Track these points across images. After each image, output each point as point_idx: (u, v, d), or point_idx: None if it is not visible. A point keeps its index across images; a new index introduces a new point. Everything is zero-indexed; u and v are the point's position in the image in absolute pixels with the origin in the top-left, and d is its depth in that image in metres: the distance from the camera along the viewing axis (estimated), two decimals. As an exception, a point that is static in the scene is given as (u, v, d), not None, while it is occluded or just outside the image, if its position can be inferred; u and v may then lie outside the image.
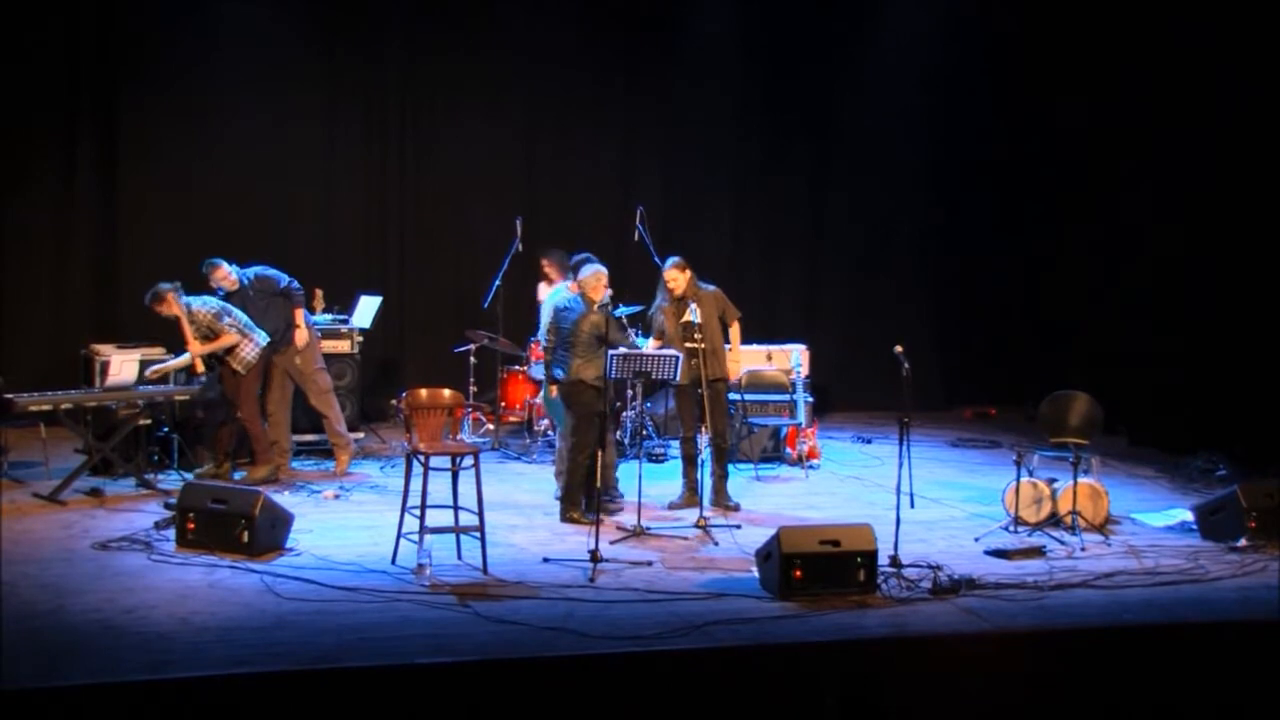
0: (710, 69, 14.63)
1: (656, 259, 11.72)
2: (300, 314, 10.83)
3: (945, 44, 14.79)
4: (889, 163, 15.01)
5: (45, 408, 9.75)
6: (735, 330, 10.19)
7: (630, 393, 11.77)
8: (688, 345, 9.62)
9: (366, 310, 12.16)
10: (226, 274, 10.65)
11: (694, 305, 9.74)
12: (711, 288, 10.09)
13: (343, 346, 11.88)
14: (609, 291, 9.46)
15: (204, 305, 10.29)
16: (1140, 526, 9.68)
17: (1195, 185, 12.36)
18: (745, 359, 11.20)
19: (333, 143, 13.66)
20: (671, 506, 9.93)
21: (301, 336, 10.78)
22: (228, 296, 10.63)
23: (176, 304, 10.29)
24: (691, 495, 9.84)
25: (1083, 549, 8.89)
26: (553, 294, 10.53)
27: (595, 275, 9.58)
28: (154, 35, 12.94)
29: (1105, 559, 8.68)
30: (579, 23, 14.14)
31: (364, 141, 13.81)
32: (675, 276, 9.92)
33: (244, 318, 10.36)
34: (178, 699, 6.06)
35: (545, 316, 10.20)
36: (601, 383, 9.15)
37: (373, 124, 13.82)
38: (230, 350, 10.24)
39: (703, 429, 9.66)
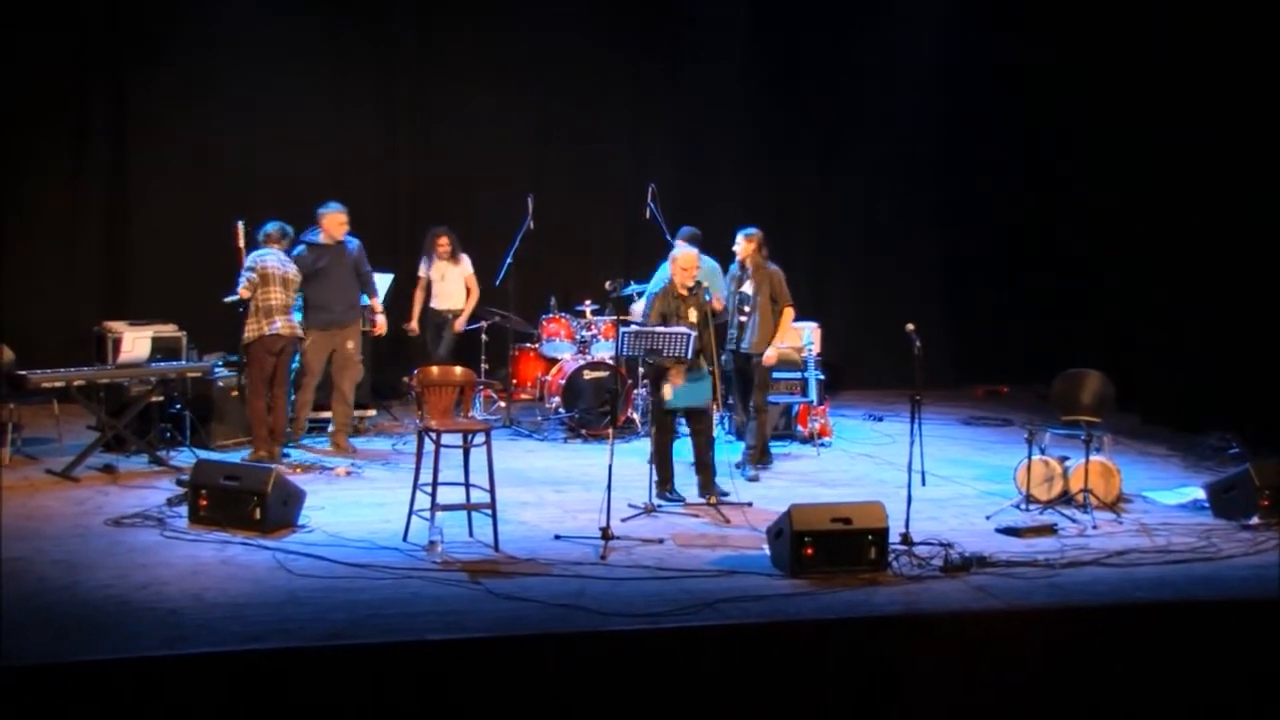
0: (722, 47, 14.57)
1: (668, 235, 11.71)
2: (377, 302, 11.25)
3: (956, 23, 14.71)
4: (901, 140, 14.96)
5: (58, 384, 9.77)
6: (784, 316, 10.35)
7: (641, 370, 11.75)
8: (739, 317, 10.21)
9: (379, 286, 12.14)
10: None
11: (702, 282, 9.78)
12: (774, 268, 10.34)
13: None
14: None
15: (259, 255, 10.28)
16: (1152, 504, 9.67)
17: (1210, 161, 12.29)
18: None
19: (343, 120, 13.64)
20: (738, 465, 10.24)
21: (380, 325, 11.23)
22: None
23: (240, 235, 10.53)
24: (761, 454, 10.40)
25: (1094, 527, 8.88)
26: (660, 269, 10.58)
27: (683, 256, 9.57)
28: (163, 11, 12.91)
29: (1117, 537, 8.67)
30: (590, 0, 14.11)
31: (375, 119, 13.79)
32: (739, 242, 10.36)
33: (275, 303, 10.18)
34: (190, 674, 6.09)
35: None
36: (673, 363, 9.17)
37: (383, 101, 13.80)
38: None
39: (715, 405, 9.65)
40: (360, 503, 9.17)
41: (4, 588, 6.99)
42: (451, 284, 12.22)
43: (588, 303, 12.43)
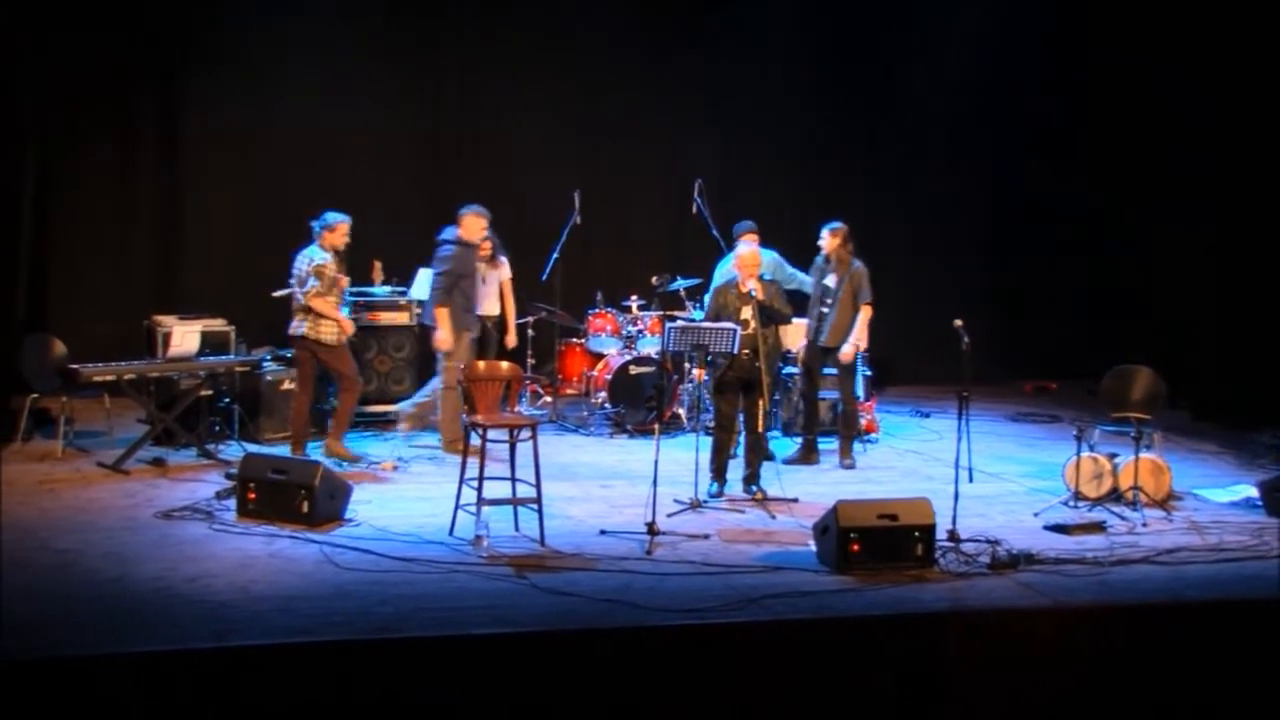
0: (767, 39, 14.51)
1: (715, 232, 11.69)
2: None
3: (1006, 8, 14.60)
4: (949, 131, 14.87)
5: (109, 378, 9.87)
6: (861, 315, 10.46)
7: (688, 365, 11.73)
8: (820, 309, 10.43)
9: (425, 283, 12.17)
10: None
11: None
12: (859, 265, 10.52)
13: (401, 318, 11.93)
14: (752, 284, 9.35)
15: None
16: (1203, 502, 9.58)
17: (1267, 150, 12.13)
18: (799, 332, 11.17)
19: (391, 115, 13.66)
20: (788, 462, 10.31)
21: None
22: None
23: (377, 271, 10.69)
24: (810, 452, 10.53)
25: (1144, 524, 8.81)
26: (722, 262, 10.63)
27: (747, 254, 9.58)
28: (215, 7, 12.98)
29: (1167, 535, 8.60)
30: (635, -1, 14.14)
31: (422, 113, 13.82)
32: (824, 236, 10.57)
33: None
34: (238, 667, 6.13)
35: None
36: (726, 357, 9.18)
37: (431, 96, 13.82)
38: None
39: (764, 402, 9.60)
40: (406, 497, 9.21)
41: (55, 580, 7.10)
42: (490, 287, 11.71)
43: (634, 298, 12.43)
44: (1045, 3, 14.53)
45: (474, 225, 10.85)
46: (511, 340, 11.79)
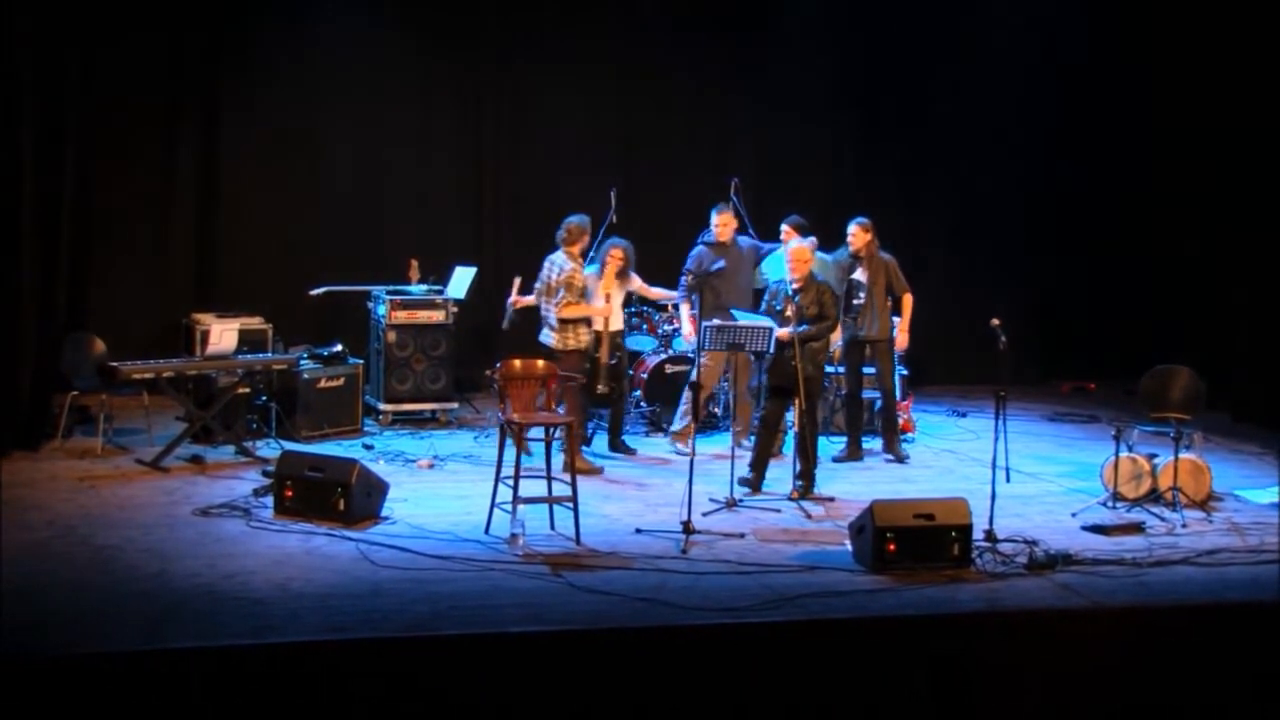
0: (807, 37, 14.47)
1: (751, 231, 11.66)
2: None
3: (1048, 9, 14.54)
4: (988, 130, 14.78)
5: (148, 376, 9.94)
6: (905, 302, 10.72)
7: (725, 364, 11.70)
8: (853, 302, 10.48)
9: (461, 281, 12.21)
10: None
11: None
12: (888, 256, 10.69)
13: (437, 317, 11.95)
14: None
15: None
16: (1244, 503, 9.51)
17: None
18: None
19: (429, 113, 13.69)
20: (836, 460, 10.48)
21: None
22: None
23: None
24: (856, 449, 10.63)
25: (1184, 525, 8.75)
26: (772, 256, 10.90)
27: (792, 250, 9.68)
28: (255, 6, 13.04)
29: (1207, 536, 8.54)
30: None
31: (459, 111, 13.83)
32: (853, 231, 10.66)
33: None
34: (276, 664, 6.17)
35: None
36: (759, 355, 9.27)
37: (468, 94, 13.83)
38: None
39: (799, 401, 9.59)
40: (443, 495, 9.23)
41: (96, 575, 7.17)
42: (618, 305, 11.23)
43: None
44: (1082, 3, 14.46)
45: (717, 223, 10.96)
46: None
